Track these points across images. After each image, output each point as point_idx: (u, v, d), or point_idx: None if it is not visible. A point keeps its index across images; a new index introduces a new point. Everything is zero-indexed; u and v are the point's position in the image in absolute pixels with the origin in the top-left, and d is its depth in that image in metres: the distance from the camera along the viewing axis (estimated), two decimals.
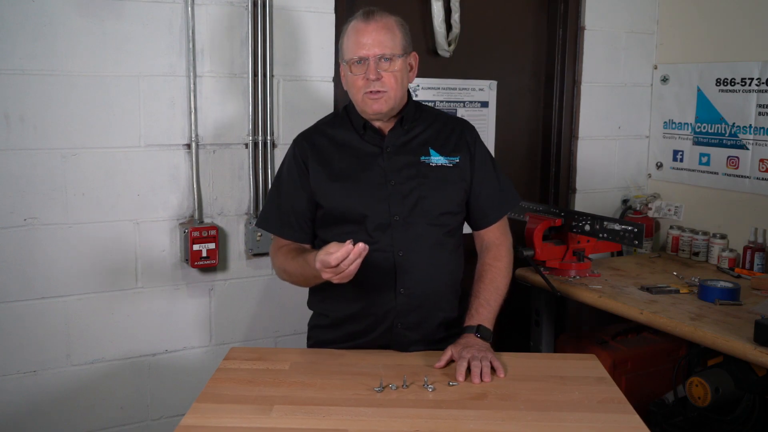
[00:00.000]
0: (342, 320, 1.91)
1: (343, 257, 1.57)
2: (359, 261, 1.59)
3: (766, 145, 2.80)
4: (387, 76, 1.78)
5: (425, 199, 1.85)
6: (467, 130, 1.96)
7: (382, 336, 1.87)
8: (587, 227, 2.60)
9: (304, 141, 1.93)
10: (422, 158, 1.87)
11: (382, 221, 1.83)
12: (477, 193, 1.92)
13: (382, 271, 1.82)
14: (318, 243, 1.92)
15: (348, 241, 1.57)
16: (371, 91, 1.79)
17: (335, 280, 1.63)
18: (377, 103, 1.80)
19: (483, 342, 1.79)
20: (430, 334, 1.89)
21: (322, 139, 1.92)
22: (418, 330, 1.87)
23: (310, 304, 2.01)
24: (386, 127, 1.89)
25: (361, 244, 1.58)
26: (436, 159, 1.88)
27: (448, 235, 1.89)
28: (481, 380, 1.65)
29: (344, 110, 1.95)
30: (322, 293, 1.94)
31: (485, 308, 1.86)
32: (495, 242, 1.96)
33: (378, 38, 1.78)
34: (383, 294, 1.84)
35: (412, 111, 1.91)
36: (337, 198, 1.86)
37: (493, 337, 1.85)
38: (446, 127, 1.94)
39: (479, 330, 1.81)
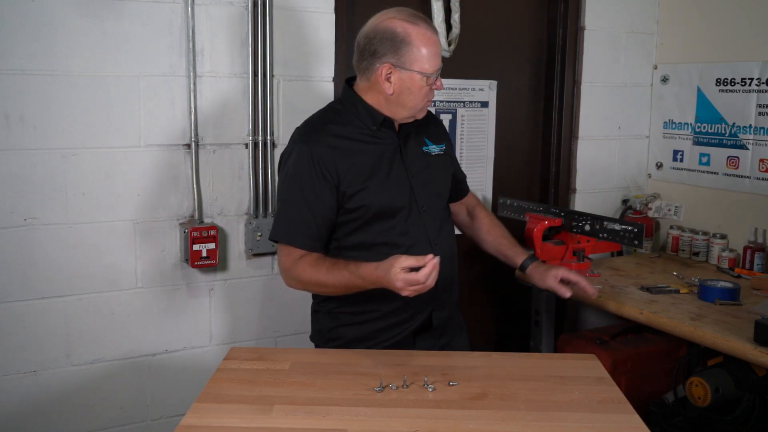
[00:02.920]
0: (384, 315, 1.93)
1: (430, 272, 1.63)
2: (437, 273, 1.65)
3: (766, 145, 2.80)
4: None
5: (438, 187, 2.00)
6: (433, 118, 2.12)
7: (422, 322, 1.95)
8: (587, 227, 2.60)
9: (320, 144, 1.85)
10: (424, 148, 1.98)
11: (413, 213, 1.91)
12: (455, 171, 2.15)
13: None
14: (333, 248, 1.91)
15: (429, 256, 1.63)
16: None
17: (413, 294, 1.67)
18: (426, 110, 1.95)
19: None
20: (451, 309, 2.04)
21: (336, 140, 1.87)
22: (446, 309, 2.00)
23: (335, 307, 1.96)
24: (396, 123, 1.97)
25: (437, 257, 1.64)
26: (433, 148, 2.00)
27: (449, 216, 2.08)
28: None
29: (344, 106, 1.93)
30: (361, 293, 1.85)
31: (518, 246, 2.21)
32: (475, 203, 2.27)
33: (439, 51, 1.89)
34: None
35: None
36: (373, 196, 1.85)
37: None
38: (426, 119, 2.03)
39: (535, 258, 2.18)
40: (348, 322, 1.96)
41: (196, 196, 2.39)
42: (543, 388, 1.64)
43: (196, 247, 2.34)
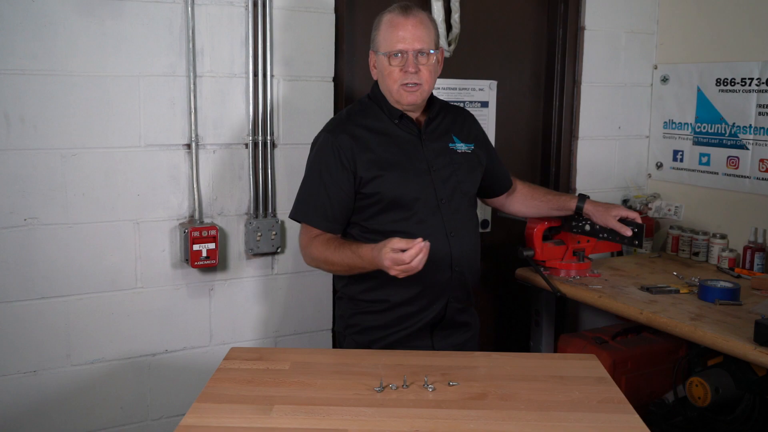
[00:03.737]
0: (399, 303, 1.98)
1: (416, 254, 1.68)
2: (424, 257, 1.70)
3: (766, 145, 2.80)
4: (423, 69, 1.93)
5: (461, 183, 2.04)
6: (470, 118, 2.19)
7: (437, 313, 2.01)
8: (587, 227, 2.59)
9: (344, 133, 1.97)
10: (450, 145, 2.05)
11: (431, 205, 1.97)
12: (494, 169, 2.23)
13: (438, 252, 1.92)
14: (357, 232, 2.00)
15: (418, 239, 1.69)
16: (407, 84, 1.92)
17: (401, 275, 1.73)
18: (413, 95, 1.94)
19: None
20: (467, 302, 2.08)
21: (359, 130, 1.98)
22: (463, 301, 2.05)
23: (355, 294, 2.03)
24: (416, 116, 2.03)
25: (427, 242, 1.70)
26: (460, 146, 2.07)
27: (475, 213, 2.13)
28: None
29: (371, 100, 2.05)
30: (375, 280, 1.96)
31: (564, 194, 2.45)
32: (516, 181, 2.39)
33: (416, 33, 1.91)
34: (440, 273, 1.95)
35: (433, 101, 2.10)
36: (388, 185, 1.94)
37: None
38: (459, 116, 2.15)
39: (585, 197, 2.38)
40: (366, 310, 2.02)
41: (196, 196, 2.39)
42: (543, 388, 1.64)
43: (196, 247, 2.34)
